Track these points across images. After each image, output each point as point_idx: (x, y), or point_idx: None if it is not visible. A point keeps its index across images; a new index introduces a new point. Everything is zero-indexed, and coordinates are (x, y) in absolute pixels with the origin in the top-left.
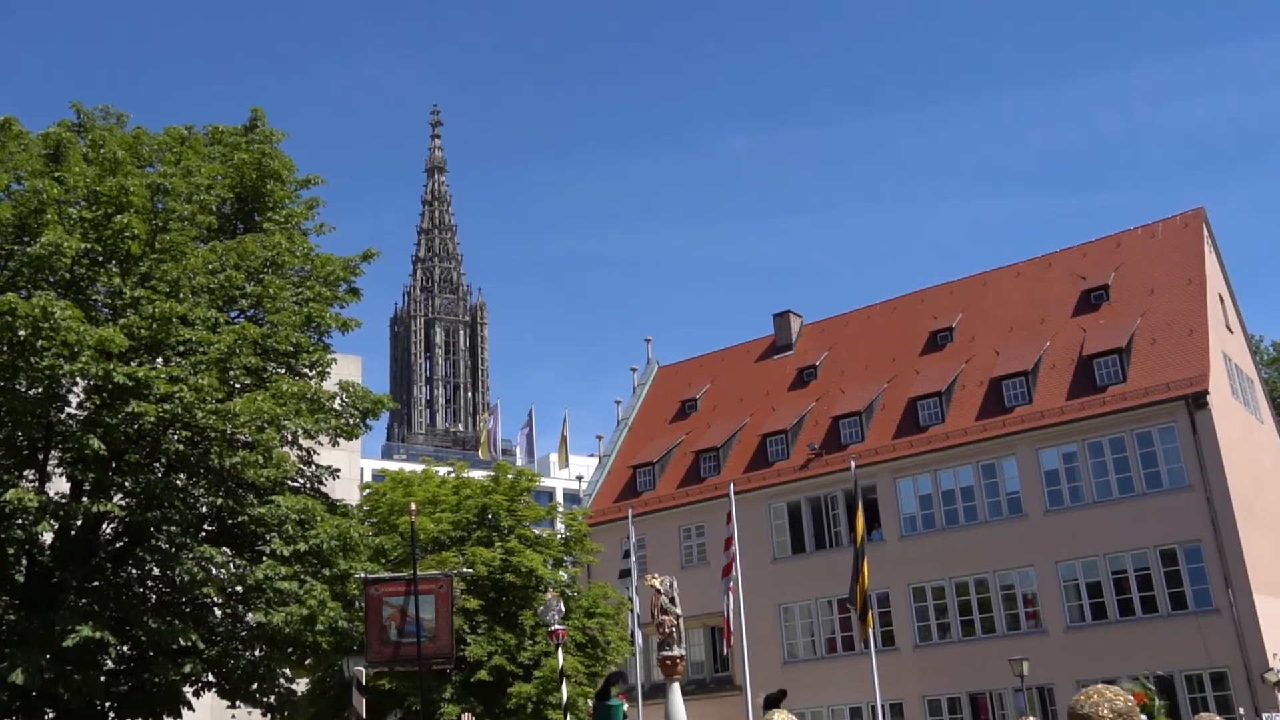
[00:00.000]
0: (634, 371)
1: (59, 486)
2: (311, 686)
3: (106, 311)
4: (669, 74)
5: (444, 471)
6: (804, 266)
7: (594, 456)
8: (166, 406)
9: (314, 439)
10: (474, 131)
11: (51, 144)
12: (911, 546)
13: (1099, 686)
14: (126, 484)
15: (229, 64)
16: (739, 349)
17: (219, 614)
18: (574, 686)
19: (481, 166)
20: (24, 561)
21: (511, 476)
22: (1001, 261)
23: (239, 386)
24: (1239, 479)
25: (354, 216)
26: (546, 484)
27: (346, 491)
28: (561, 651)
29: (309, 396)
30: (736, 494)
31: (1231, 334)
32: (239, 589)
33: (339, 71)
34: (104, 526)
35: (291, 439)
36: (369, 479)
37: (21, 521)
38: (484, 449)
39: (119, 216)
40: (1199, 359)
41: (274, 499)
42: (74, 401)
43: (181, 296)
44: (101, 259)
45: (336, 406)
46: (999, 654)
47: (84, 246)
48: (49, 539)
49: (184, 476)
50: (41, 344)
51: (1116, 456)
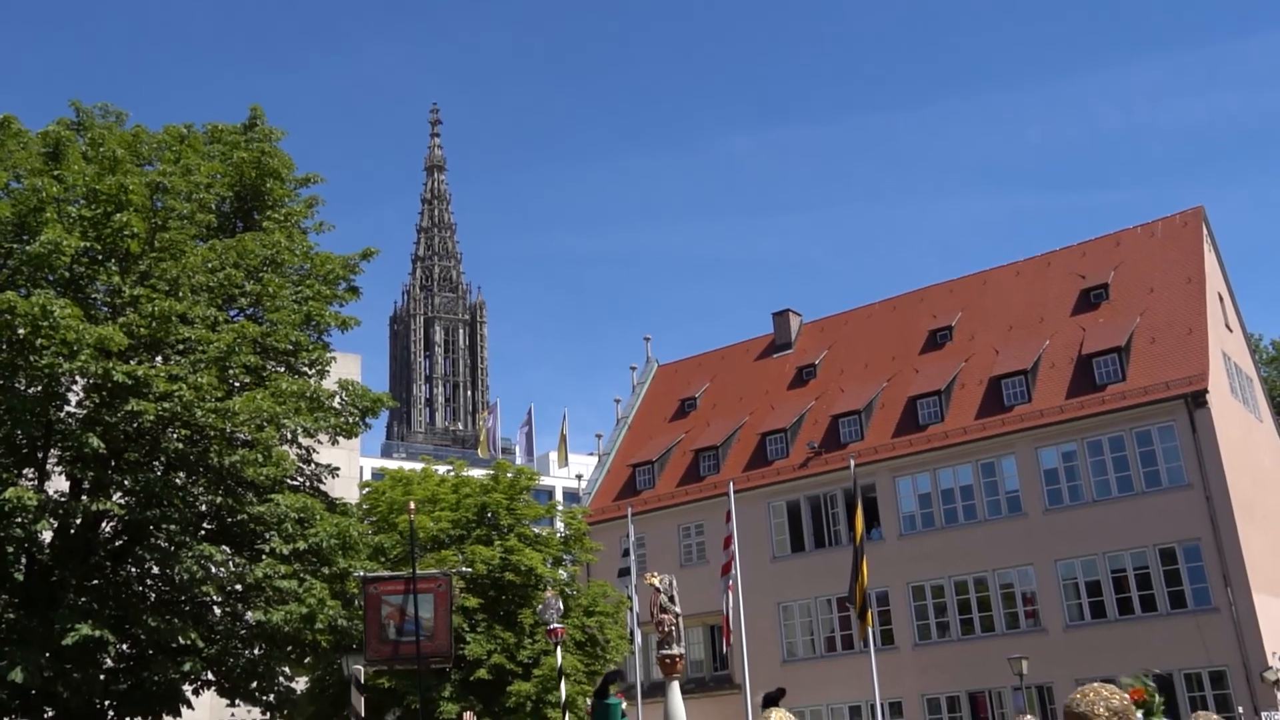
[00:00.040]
0: (633, 370)
1: (58, 485)
2: (311, 685)
3: (106, 310)
4: (669, 72)
5: (443, 470)
6: (803, 265)
7: (593, 455)
8: (166, 405)
9: (313, 437)
10: (473, 129)
11: (51, 142)
12: (911, 545)
13: (1095, 685)
14: (126, 482)
15: (228, 62)
16: (738, 348)
17: (218, 612)
18: (573, 685)
19: (481, 165)
20: (23, 560)
21: (511, 475)
22: (1001, 260)
23: (238, 385)
24: (1238, 478)
25: (353, 215)
26: (546, 482)
27: (346, 490)
28: (560, 650)
29: (308, 395)
30: (736, 493)
31: (1231, 333)
32: (238, 587)
33: (338, 70)
34: (103, 525)
35: (291, 437)
36: (368, 477)
37: (21, 520)
38: (483, 447)
39: (118, 215)
40: (1198, 358)
41: (273, 497)
42: (73, 400)
43: (181, 295)
44: (101, 257)
45: (336, 405)
46: (998, 653)
47: (83, 245)
48: (48, 537)
49: (183, 475)
50: (41, 342)
51: (1116, 455)
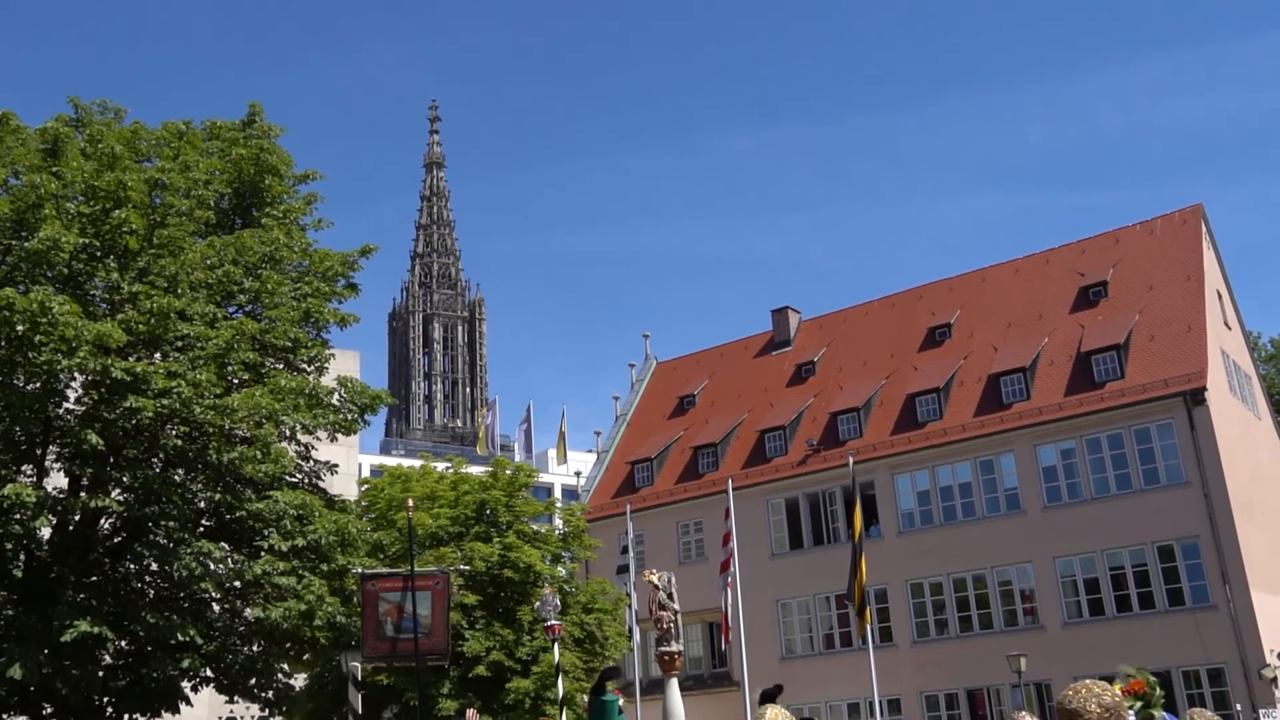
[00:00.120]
0: (632, 367)
1: (57, 481)
2: (309, 682)
3: (104, 306)
4: (669, 71)
5: (442, 467)
6: (803, 263)
7: (592, 452)
8: (165, 402)
9: (312, 434)
10: (473, 127)
11: (49, 139)
12: (909, 543)
13: (1087, 682)
14: (124, 479)
15: (227, 59)
16: (737, 345)
17: (217, 609)
18: (572, 682)
19: (480, 162)
20: (22, 556)
21: (510, 472)
22: (1000, 258)
23: (237, 382)
24: (1237, 476)
25: (352, 212)
26: (545, 480)
27: (345, 487)
28: (558, 647)
29: (307, 392)
30: (735, 490)
31: (1230, 331)
32: (237, 584)
33: (337, 67)
34: (102, 521)
35: (290, 434)
36: (367, 474)
37: (19, 516)
38: (482, 444)
39: (117, 211)
40: (1197, 355)
41: (272, 494)
42: (72, 397)
43: (180, 292)
44: (99, 254)
45: (335, 402)
46: (996, 650)
47: (82, 241)
48: (47, 534)
49: (182, 472)
50: (39, 339)
51: (1114, 453)
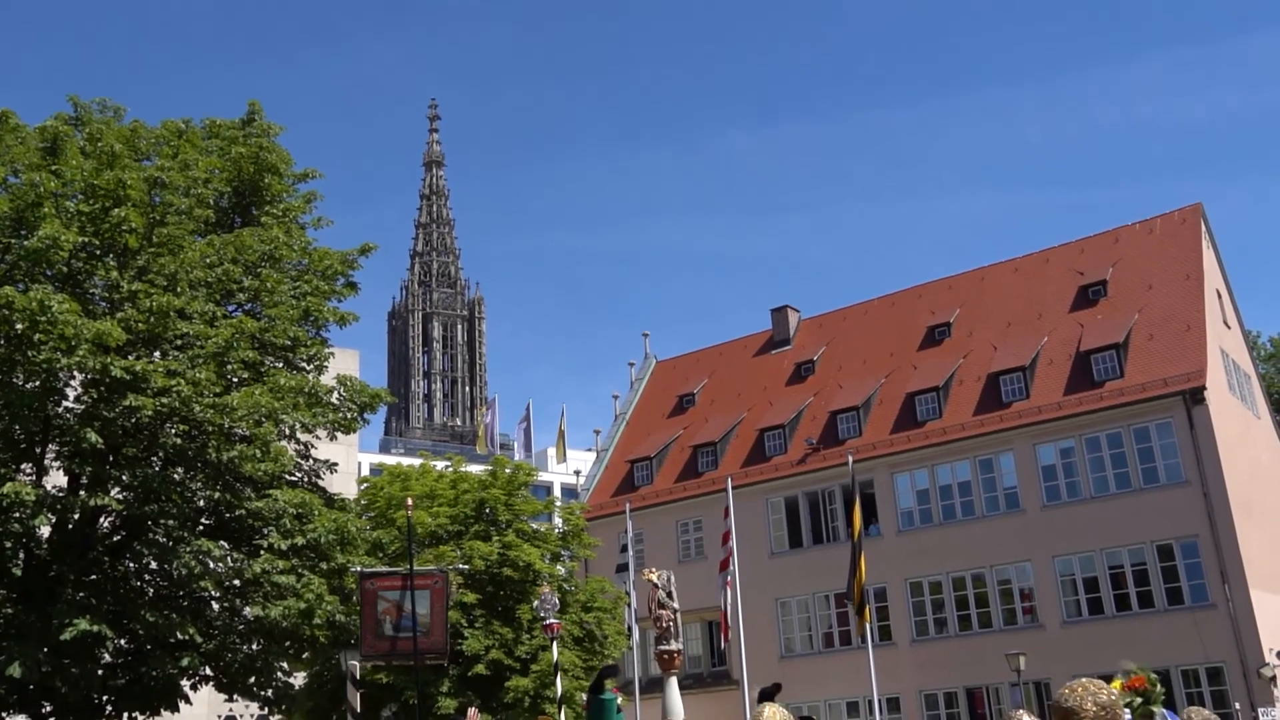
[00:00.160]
0: (632, 366)
1: (56, 480)
2: (309, 680)
3: (104, 305)
4: (668, 69)
5: (441, 466)
6: (802, 262)
7: (592, 451)
8: (164, 400)
9: (311, 433)
10: (472, 126)
11: (48, 137)
12: (909, 541)
13: (1083, 680)
14: (124, 477)
15: (227, 58)
16: (737, 344)
17: (216, 608)
18: (571, 680)
19: (480, 161)
20: (21, 555)
21: (509, 471)
22: (999, 257)
23: (236, 380)
24: (1236, 475)
25: (352, 211)
26: (544, 478)
27: (344, 485)
28: (557, 645)
29: (307, 390)
30: (734, 489)
31: (1229, 330)
32: (236, 583)
33: (337, 65)
34: (101, 520)
35: (289, 433)
36: (367, 473)
37: (19, 515)
38: (481, 443)
39: (116, 210)
40: (1196, 355)
41: (271, 493)
42: (71, 395)
43: (179, 290)
44: (99, 252)
45: (334, 401)
46: (996, 649)
47: (81, 240)
48: (46, 532)
49: (181, 470)
50: (39, 337)
51: (1114, 452)
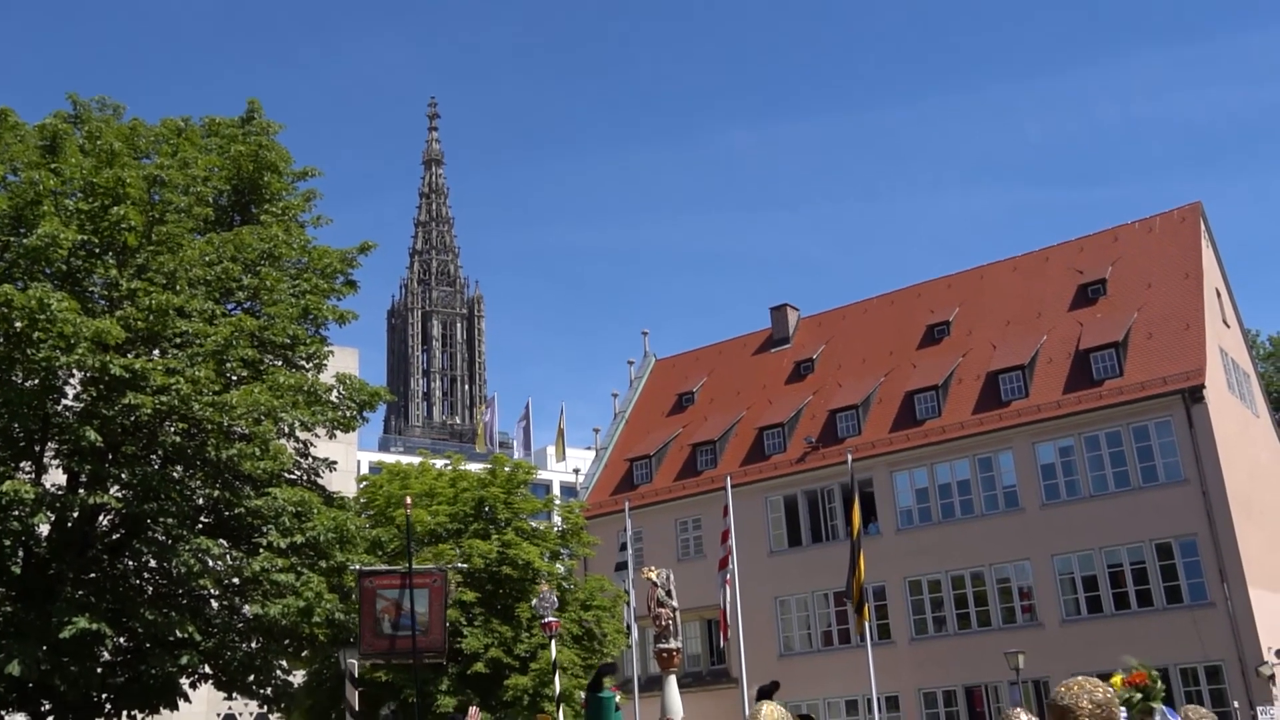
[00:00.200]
0: (631, 364)
1: (55, 478)
2: (308, 678)
3: (103, 303)
4: (668, 67)
5: (441, 464)
6: (801, 260)
7: (591, 449)
8: (163, 398)
9: (311, 431)
10: (471, 124)
11: (48, 135)
12: (908, 540)
13: (1079, 679)
14: (123, 476)
15: (226, 56)
16: (736, 342)
17: (215, 606)
18: (570, 679)
19: (479, 159)
20: (21, 553)
21: (508, 469)
22: (999, 255)
23: (236, 379)
24: (1235, 473)
25: (351, 209)
26: (543, 477)
27: (343, 484)
28: (555, 643)
29: (306, 389)
30: (733, 487)
31: (1228, 328)
32: (235, 581)
33: (336, 64)
34: (101, 518)
35: (288, 431)
36: (366, 471)
37: (18, 513)
38: (481, 441)
39: (115, 208)
40: (1195, 353)
41: (271, 491)
42: (70, 393)
43: (178, 288)
44: (98, 250)
45: (333, 399)
46: (995, 647)
47: (80, 238)
48: (45, 530)
49: (181, 468)
50: (38, 336)
51: (1113, 450)
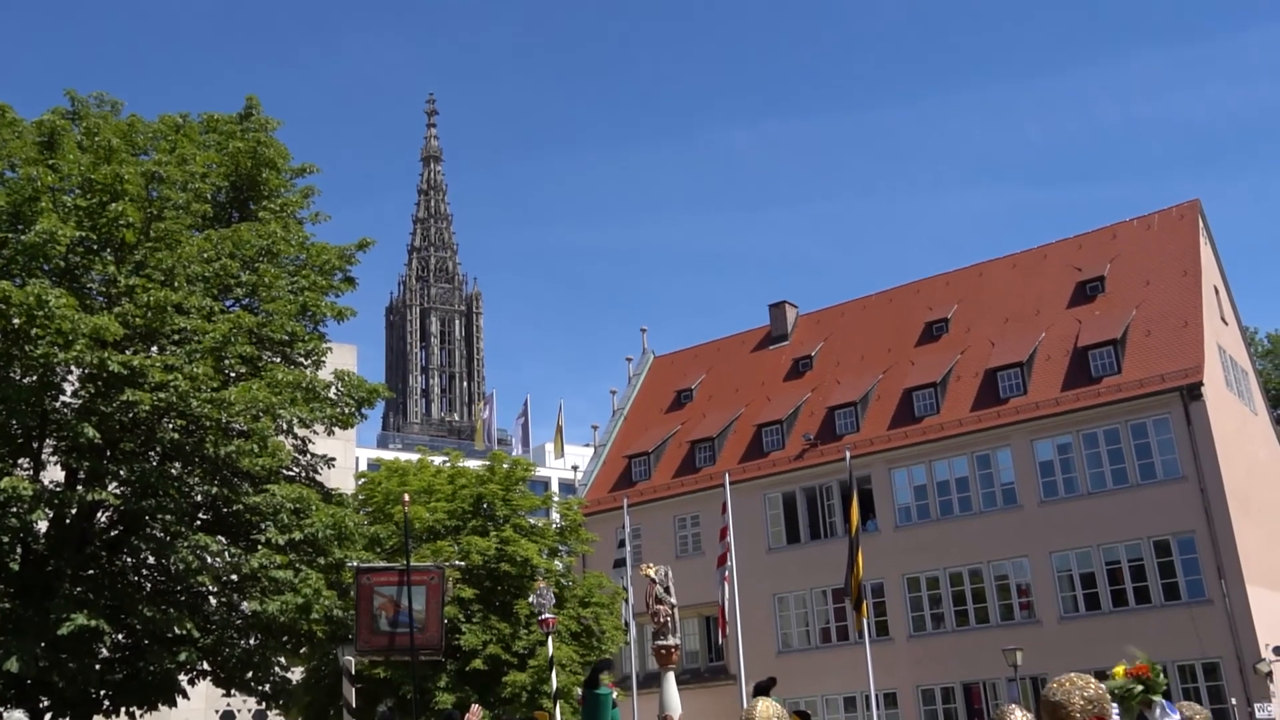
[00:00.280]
0: (629, 361)
1: (54, 475)
2: (306, 675)
3: (101, 300)
4: (668, 67)
5: (439, 461)
6: (800, 258)
7: (589, 446)
8: (161, 395)
9: (309, 428)
10: (470, 121)
11: (46, 132)
12: (906, 537)
13: (1071, 676)
14: (121, 472)
15: (225, 53)
16: (734, 339)
17: (214, 602)
18: (568, 675)
19: (478, 156)
20: (19, 550)
21: (507, 466)
22: (997, 253)
23: (234, 375)
24: (1233, 470)
25: (350, 206)
26: (542, 473)
27: (342, 480)
28: (552, 640)
29: (304, 385)
30: (732, 484)
31: (1226, 326)
32: (234, 577)
33: (334, 60)
34: (99, 515)
35: (287, 428)
36: (364, 468)
37: (16, 510)
38: (479, 438)
39: (114, 204)
40: (1194, 351)
41: (269, 488)
42: (68, 390)
43: (176, 285)
44: (96, 247)
45: (332, 395)
46: (993, 644)
47: (78, 234)
48: (44, 527)
49: (179, 465)
50: (36, 332)
51: (1111, 448)
